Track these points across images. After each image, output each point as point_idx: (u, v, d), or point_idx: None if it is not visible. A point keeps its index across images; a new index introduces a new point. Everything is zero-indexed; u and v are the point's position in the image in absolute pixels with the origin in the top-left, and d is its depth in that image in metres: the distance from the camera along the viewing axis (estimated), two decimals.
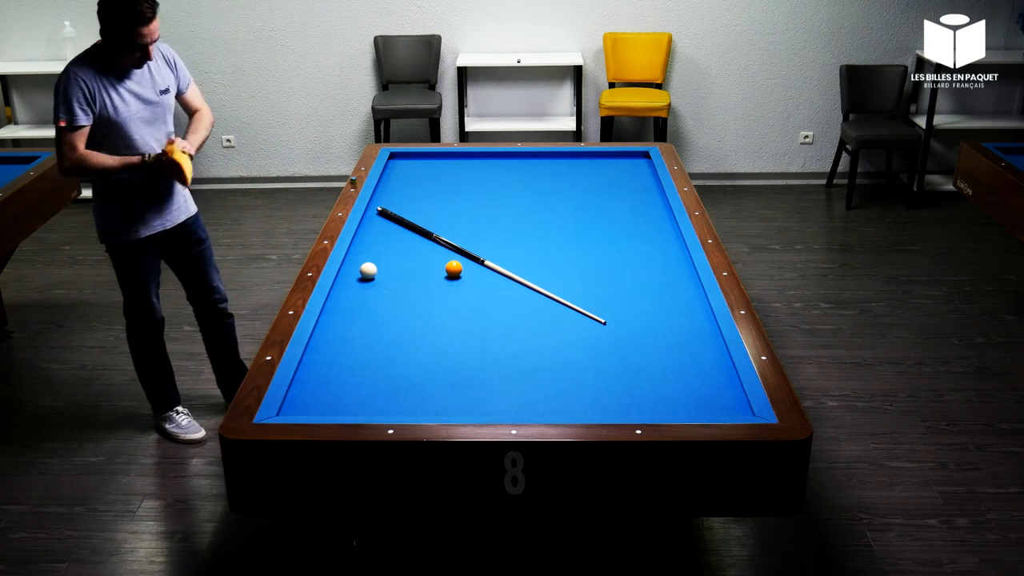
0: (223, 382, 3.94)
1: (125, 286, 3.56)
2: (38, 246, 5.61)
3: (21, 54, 6.40)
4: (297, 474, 2.30)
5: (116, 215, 3.40)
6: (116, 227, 3.42)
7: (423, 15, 6.33)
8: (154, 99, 3.35)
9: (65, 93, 3.18)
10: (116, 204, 3.40)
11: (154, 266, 3.56)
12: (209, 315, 3.79)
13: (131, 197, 3.39)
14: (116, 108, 3.25)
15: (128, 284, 3.55)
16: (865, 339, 4.50)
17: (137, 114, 3.30)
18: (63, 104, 3.18)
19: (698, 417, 2.38)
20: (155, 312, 3.61)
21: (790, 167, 6.66)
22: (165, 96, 3.40)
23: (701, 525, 3.22)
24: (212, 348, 3.88)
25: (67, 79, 3.18)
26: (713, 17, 6.30)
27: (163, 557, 3.14)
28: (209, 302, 3.75)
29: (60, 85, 3.19)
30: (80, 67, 3.21)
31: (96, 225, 3.47)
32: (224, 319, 3.82)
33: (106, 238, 3.46)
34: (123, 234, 3.42)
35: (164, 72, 3.40)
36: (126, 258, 3.48)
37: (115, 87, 3.26)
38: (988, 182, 4.46)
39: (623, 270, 3.27)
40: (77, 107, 3.18)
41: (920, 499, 3.37)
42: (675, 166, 4.20)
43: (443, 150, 4.67)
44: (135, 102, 3.30)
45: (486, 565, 3.07)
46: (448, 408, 2.46)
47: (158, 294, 3.63)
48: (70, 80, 3.18)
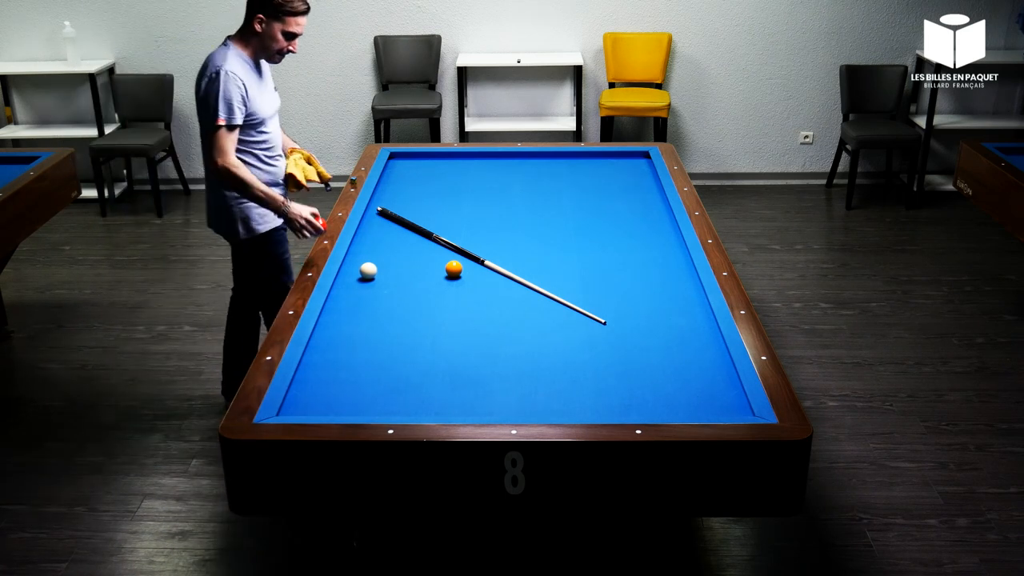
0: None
1: (258, 277, 3.65)
2: (38, 246, 5.61)
3: (21, 54, 6.40)
4: (297, 474, 2.30)
5: (249, 209, 3.49)
6: (257, 220, 3.51)
7: (423, 15, 6.33)
8: (276, 96, 3.56)
9: (226, 92, 3.24)
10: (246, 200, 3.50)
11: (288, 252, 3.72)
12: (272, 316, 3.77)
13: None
14: (261, 106, 3.39)
15: (263, 273, 3.64)
16: (865, 339, 4.50)
17: (272, 110, 3.48)
18: (223, 103, 3.24)
19: (698, 417, 2.38)
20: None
21: (790, 167, 6.66)
22: (276, 92, 3.58)
23: (701, 525, 3.22)
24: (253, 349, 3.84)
25: (225, 78, 3.25)
26: (713, 17, 6.30)
27: (163, 557, 3.14)
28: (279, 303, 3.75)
29: (216, 84, 3.25)
30: (233, 66, 3.29)
31: (229, 222, 3.51)
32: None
33: (247, 232, 3.52)
34: (264, 223, 3.52)
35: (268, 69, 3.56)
36: (266, 247, 3.58)
37: (256, 85, 3.38)
38: (988, 182, 4.46)
39: (623, 270, 3.27)
40: (236, 106, 3.27)
41: (920, 499, 3.37)
42: (675, 166, 4.20)
43: (443, 150, 4.67)
44: (271, 98, 3.48)
45: (486, 565, 3.07)
46: (448, 408, 2.46)
47: None
48: (229, 79, 3.25)
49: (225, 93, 3.25)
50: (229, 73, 3.26)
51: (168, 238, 5.87)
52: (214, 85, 3.26)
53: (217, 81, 3.26)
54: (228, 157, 3.32)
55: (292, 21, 3.31)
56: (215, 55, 3.35)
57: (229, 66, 3.28)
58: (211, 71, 3.28)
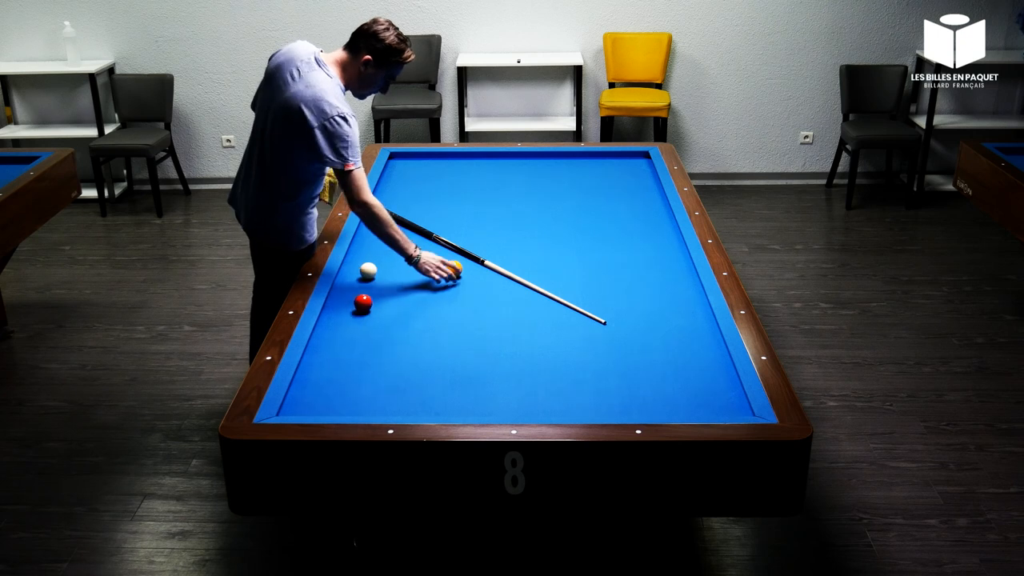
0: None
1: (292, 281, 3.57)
2: (38, 246, 5.61)
3: (21, 54, 6.40)
4: (297, 474, 2.30)
5: (308, 223, 3.38)
6: (307, 233, 3.39)
7: (423, 15, 6.33)
8: None
9: (351, 136, 3.11)
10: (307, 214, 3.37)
11: None
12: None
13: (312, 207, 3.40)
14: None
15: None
16: (865, 339, 4.50)
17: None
18: (351, 147, 3.12)
19: (698, 417, 2.38)
20: None
21: (790, 167, 6.66)
22: None
23: (701, 525, 3.22)
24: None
25: (347, 122, 3.11)
26: (713, 17, 6.30)
27: (163, 557, 3.14)
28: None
29: (341, 127, 3.09)
30: (347, 107, 3.15)
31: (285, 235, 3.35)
32: None
33: (301, 243, 3.38)
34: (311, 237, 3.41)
35: None
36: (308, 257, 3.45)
37: None
38: (988, 182, 4.46)
39: (623, 270, 3.27)
40: (360, 149, 3.17)
41: (920, 499, 3.37)
42: (675, 166, 4.20)
43: (443, 150, 4.67)
44: None
45: (486, 565, 3.07)
46: (448, 408, 2.46)
47: None
48: (351, 123, 3.12)
49: (353, 136, 3.13)
50: (348, 116, 3.12)
51: (168, 238, 5.87)
52: (338, 127, 3.10)
53: (344, 125, 3.10)
54: (371, 196, 3.19)
55: (401, 68, 3.23)
56: (323, 83, 3.12)
57: (344, 105, 3.14)
58: (334, 112, 3.09)
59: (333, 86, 3.15)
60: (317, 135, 3.08)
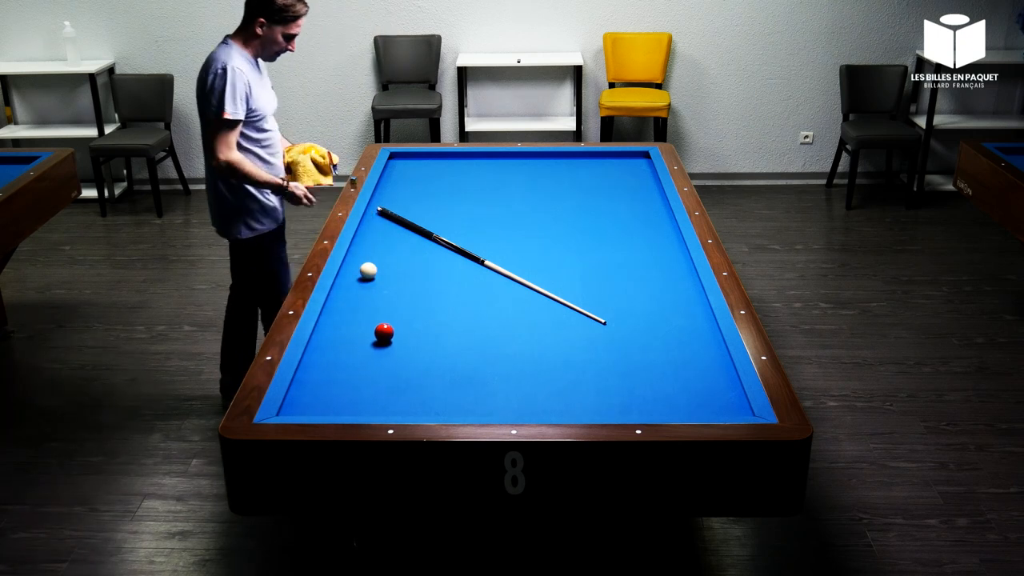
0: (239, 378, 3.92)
1: (261, 275, 3.69)
2: (38, 246, 5.61)
3: (21, 54, 6.40)
4: (297, 474, 2.30)
5: (257, 209, 3.54)
6: (256, 220, 3.55)
7: (423, 15, 6.33)
8: (274, 95, 3.58)
9: (231, 87, 3.29)
10: (255, 200, 3.54)
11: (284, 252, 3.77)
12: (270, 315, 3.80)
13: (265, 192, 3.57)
14: (261, 102, 3.43)
15: (263, 273, 3.68)
16: (865, 339, 4.50)
17: (272, 108, 3.52)
18: (229, 98, 3.29)
19: (698, 417, 2.38)
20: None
21: (790, 167, 6.66)
22: (274, 92, 3.61)
23: (701, 525, 3.22)
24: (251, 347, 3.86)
25: (230, 74, 3.30)
26: (713, 17, 6.30)
27: (163, 557, 3.14)
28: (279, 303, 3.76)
29: (220, 80, 3.29)
30: (237, 61, 3.34)
31: (229, 221, 3.56)
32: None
33: (248, 231, 3.56)
34: (262, 226, 3.57)
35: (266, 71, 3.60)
36: (263, 248, 3.62)
37: (258, 83, 3.43)
38: (988, 182, 4.46)
39: (623, 270, 3.27)
40: (240, 101, 3.32)
41: (920, 499, 3.37)
42: (675, 166, 4.20)
43: (443, 150, 4.67)
44: (271, 97, 3.53)
45: (486, 565, 3.07)
46: (448, 408, 2.46)
47: None
48: (235, 74, 3.30)
49: (231, 88, 3.30)
50: (236, 70, 3.32)
51: (168, 238, 5.87)
52: (220, 80, 3.31)
53: (224, 77, 3.30)
54: (231, 152, 3.37)
55: (293, 24, 3.38)
56: (218, 52, 3.38)
57: (235, 63, 3.33)
58: (217, 67, 3.32)
59: (230, 52, 3.36)
60: (205, 89, 3.32)
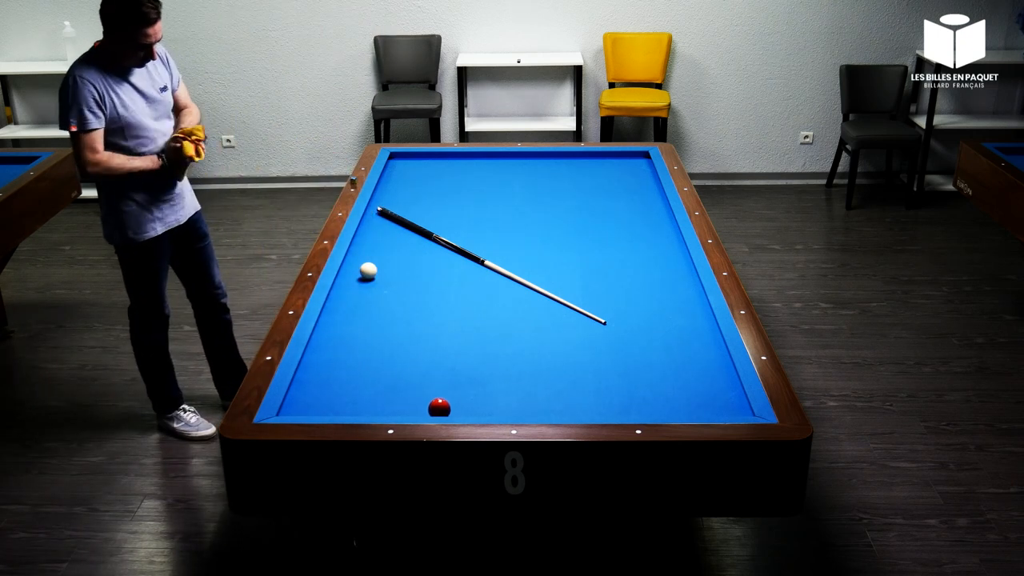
0: (222, 381, 3.95)
1: (139, 285, 3.55)
2: (38, 246, 5.61)
3: (21, 54, 6.40)
4: (297, 474, 2.30)
5: (136, 213, 3.39)
6: (135, 226, 3.40)
7: (423, 15, 6.33)
8: (156, 97, 3.38)
9: (75, 97, 3.16)
10: (135, 202, 3.39)
11: (167, 263, 3.58)
12: (210, 312, 3.81)
13: (149, 194, 3.41)
14: (126, 107, 3.27)
15: (142, 282, 3.54)
16: (865, 339, 4.50)
17: (144, 111, 3.33)
18: (74, 109, 3.17)
19: (698, 417, 2.38)
20: (166, 308, 3.65)
21: (790, 167, 6.66)
22: (164, 94, 3.43)
23: (701, 525, 3.22)
24: (212, 346, 3.89)
25: (74, 83, 3.17)
26: (713, 17, 6.30)
27: (163, 557, 3.14)
28: (211, 298, 3.77)
29: (67, 90, 3.18)
30: (85, 70, 3.20)
31: (109, 226, 3.43)
32: (224, 315, 3.84)
33: (123, 239, 3.42)
34: (142, 232, 3.42)
35: (161, 71, 3.43)
36: (143, 256, 3.47)
37: (120, 86, 3.27)
38: (988, 182, 4.46)
39: (623, 270, 3.27)
40: (87, 111, 3.18)
41: (920, 499, 3.37)
42: (675, 166, 4.20)
43: (443, 150, 4.67)
44: (140, 100, 3.32)
45: (486, 565, 3.07)
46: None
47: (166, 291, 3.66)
48: (78, 84, 3.17)
49: (76, 98, 3.16)
50: (77, 76, 3.17)
51: None
52: (65, 89, 3.18)
53: (67, 85, 3.18)
54: (95, 155, 3.22)
55: (142, 33, 3.16)
56: (76, 61, 3.25)
57: (80, 68, 3.20)
58: (66, 75, 3.20)
59: (84, 59, 3.25)
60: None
